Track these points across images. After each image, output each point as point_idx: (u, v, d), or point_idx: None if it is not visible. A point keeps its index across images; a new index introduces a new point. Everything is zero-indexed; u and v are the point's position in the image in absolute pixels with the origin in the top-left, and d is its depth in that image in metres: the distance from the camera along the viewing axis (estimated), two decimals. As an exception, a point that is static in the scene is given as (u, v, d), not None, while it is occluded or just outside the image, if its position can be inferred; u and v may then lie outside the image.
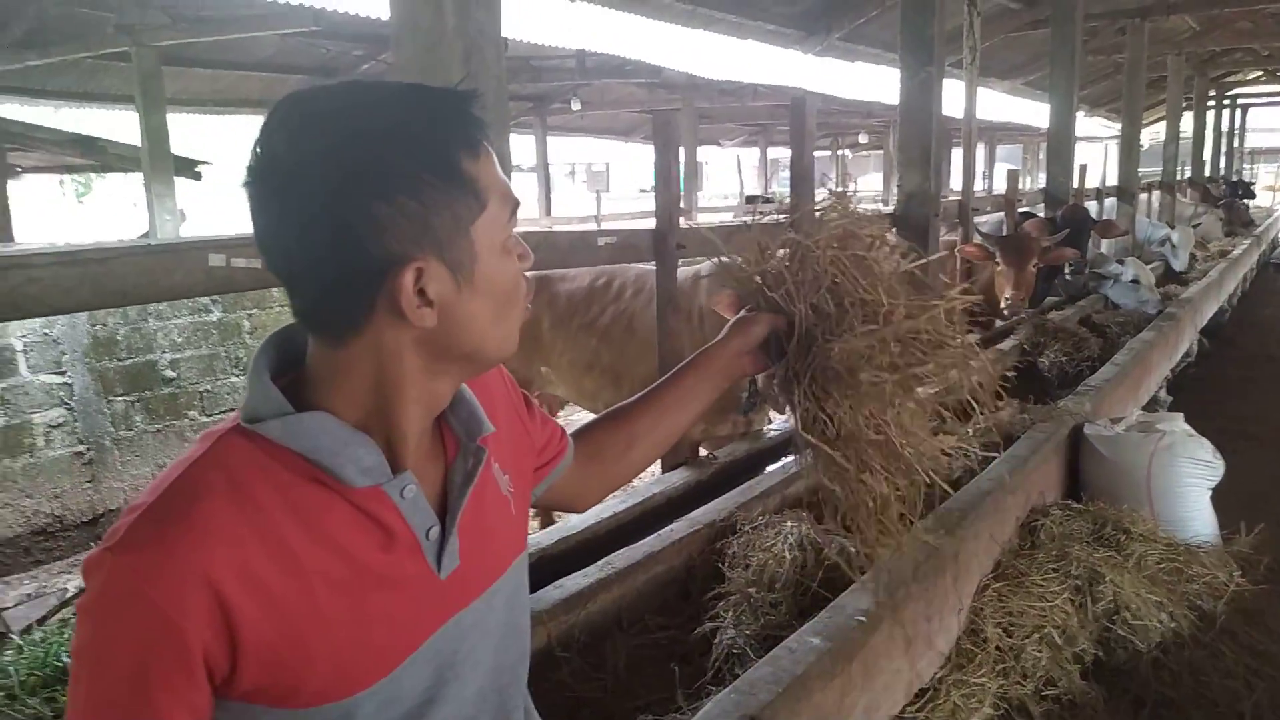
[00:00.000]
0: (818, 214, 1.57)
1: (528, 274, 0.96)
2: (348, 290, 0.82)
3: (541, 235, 2.98)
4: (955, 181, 6.00)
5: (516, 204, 0.90)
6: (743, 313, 1.38)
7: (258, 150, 0.80)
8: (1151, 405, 5.20)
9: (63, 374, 4.92)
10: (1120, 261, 6.60)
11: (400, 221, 0.79)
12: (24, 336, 4.78)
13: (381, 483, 0.86)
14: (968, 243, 5.48)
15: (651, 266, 3.83)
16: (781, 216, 1.68)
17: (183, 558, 0.75)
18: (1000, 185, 11.36)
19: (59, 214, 23.00)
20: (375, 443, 0.86)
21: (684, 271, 3.30)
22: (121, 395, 5.18)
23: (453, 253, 0.83)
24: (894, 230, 4.86)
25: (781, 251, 1.44)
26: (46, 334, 4.85)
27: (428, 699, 0.90)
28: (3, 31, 7.94)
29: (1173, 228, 8.90)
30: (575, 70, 10.44)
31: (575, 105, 12.33)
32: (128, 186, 20.85)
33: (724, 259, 1.42)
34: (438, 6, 2.14)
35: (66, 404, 4.95)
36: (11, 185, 9.11)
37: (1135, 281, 6.27)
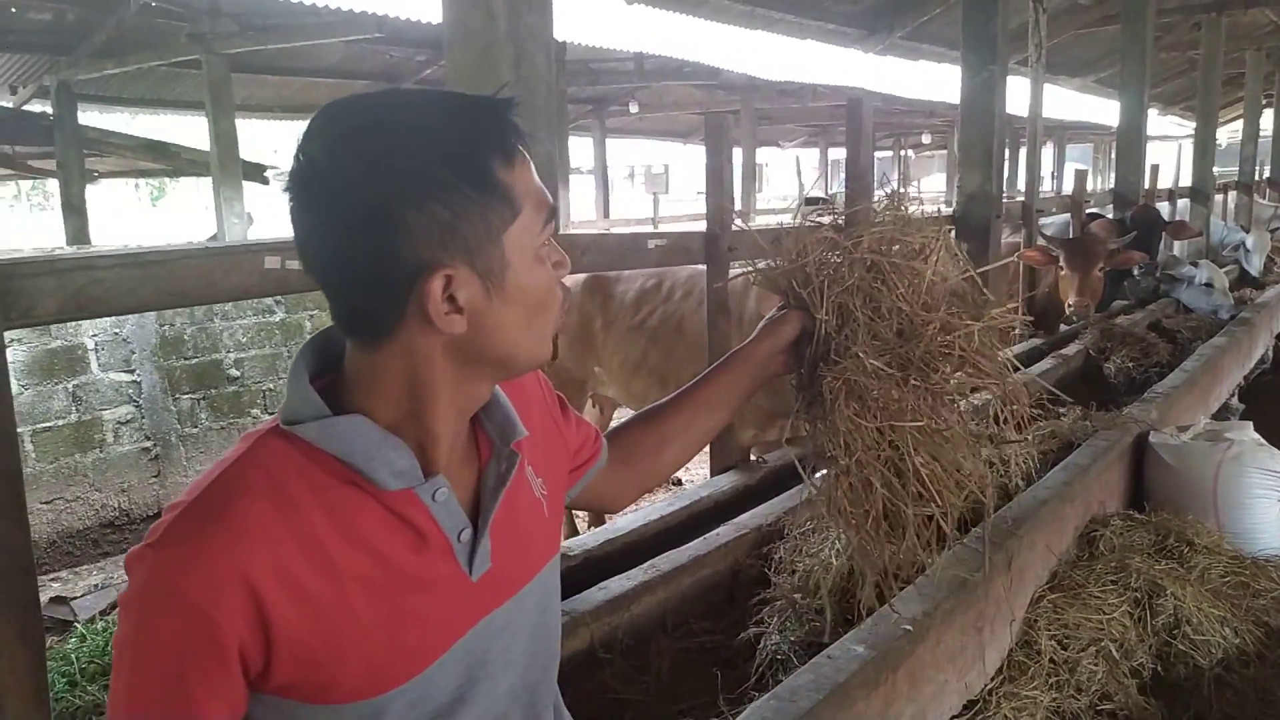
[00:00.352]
0: (873, 217, 1.52)
1: (568, 279, 0.96)
2: (379, 295, 0.83)
3: (592, 238, 2.99)
4: (1023, 182, 5.85)
5: (553, 211, 0.90)
6: (774, 312, 1.37)
7: (298, 157, 0.83)
8: (1223, 413, 5.03)
9: (132, 372, 5.09)
10: (1193, 264, 6.39)
11: (431, 229, 0.81)
12: (95, 336, 4.96)
13: (414, 486, 0.87)
14: (1031, 246, 5.34)
15: (703, 268, 3.83)
16: (828, 218, 1.63)
17: (220, 555, 0.77)
18: (1070, 185, 11.12)
19: (134, 218, 23.81)
20: (408, 446, 0.87)
21: (736, 274, 3.28)
22: (188, 393, 5.35)
23: (483, 260, 0.84)
24: (955, 235, 4.78)
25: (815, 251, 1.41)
26: (117, 333, 5.03)
27: (458, 697, 0.91)
28: (84, 42, 8.26)
29: (1248, 231, 8.52)
30: (633, 73, 10.48)
31: (633, 108, 12.36)
32: (199, 191, 21.50)
33: (758, 262, 1.38)
34: (488, 11, 2.17)
35: (135, 401, 5.12)
36: (89, 190, 9.45)
37: (1209, 285, 6.07)
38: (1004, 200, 5.21)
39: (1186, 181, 9.32)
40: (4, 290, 1.55)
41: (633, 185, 31.43)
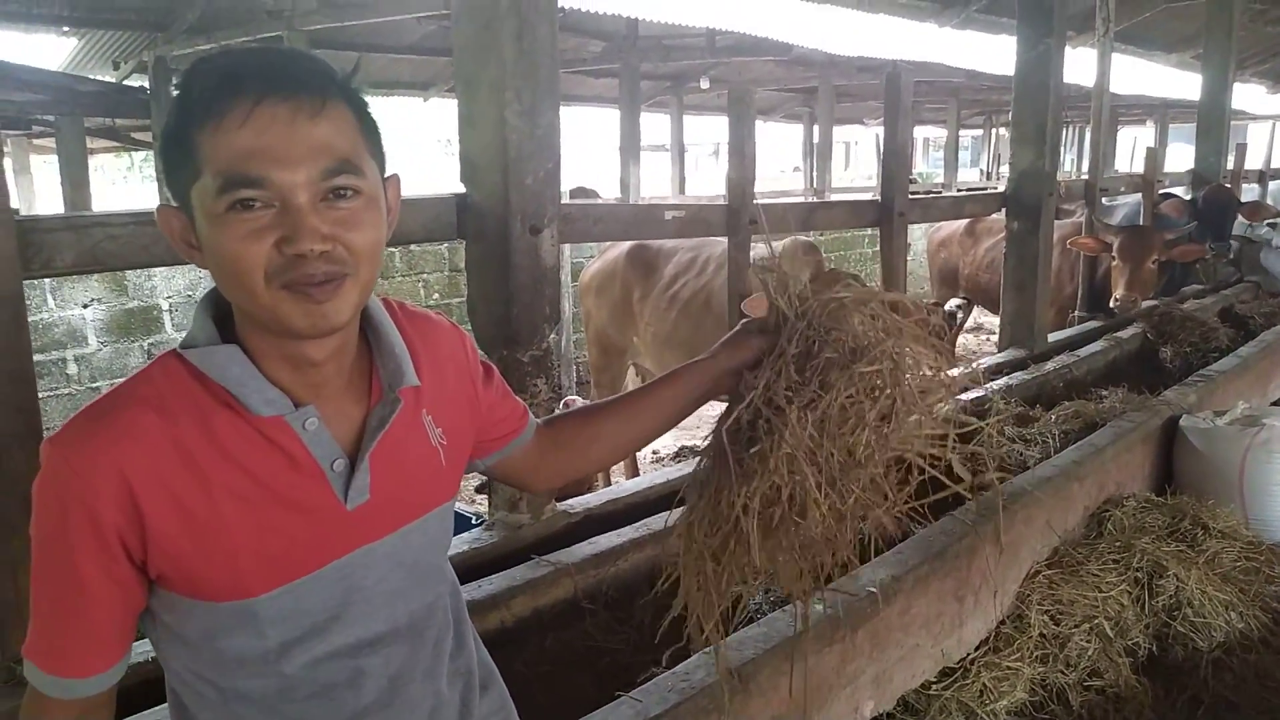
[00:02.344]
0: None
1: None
2: None
3: (607, 207, 3.07)
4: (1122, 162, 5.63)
5: (234, 180, 0.87)
6: (739, 327, 1.33)
7: None
8: (1289, 402, 4.84)
9: (201, 333, 5.38)
10: (1272, 225, 6.09)
11: (165, 170, 0.92)
12: (170, 298, 5.26)
13: (284, 414, 0.96)
14: (1081, 235, 5.19)
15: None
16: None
17: (102, 451, 0.89)
18: (1171, 166, 10.55)
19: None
20: (273, 379, 0.96)
21: (760, 249, 3.31)
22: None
23: (187, 209, 0.91)
24: (1005, 213, 4.69)
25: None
26: (189, 295, 5.33)
27: (334, 615, 1.00)
28: (176, 19, 8.66)
29: None
30: (706, 49, 10.43)
31: (704, 84, 12.31)
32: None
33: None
34: (493, -15, 2.25)
35: (205, 360, 5.41)
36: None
37: None
38: (1067, 180, 5.07)
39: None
40: (25, 243, 1.71)
41: (717, 162, 31.24)
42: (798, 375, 1.18)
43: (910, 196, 3.89)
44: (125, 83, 9.82)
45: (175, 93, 0.90)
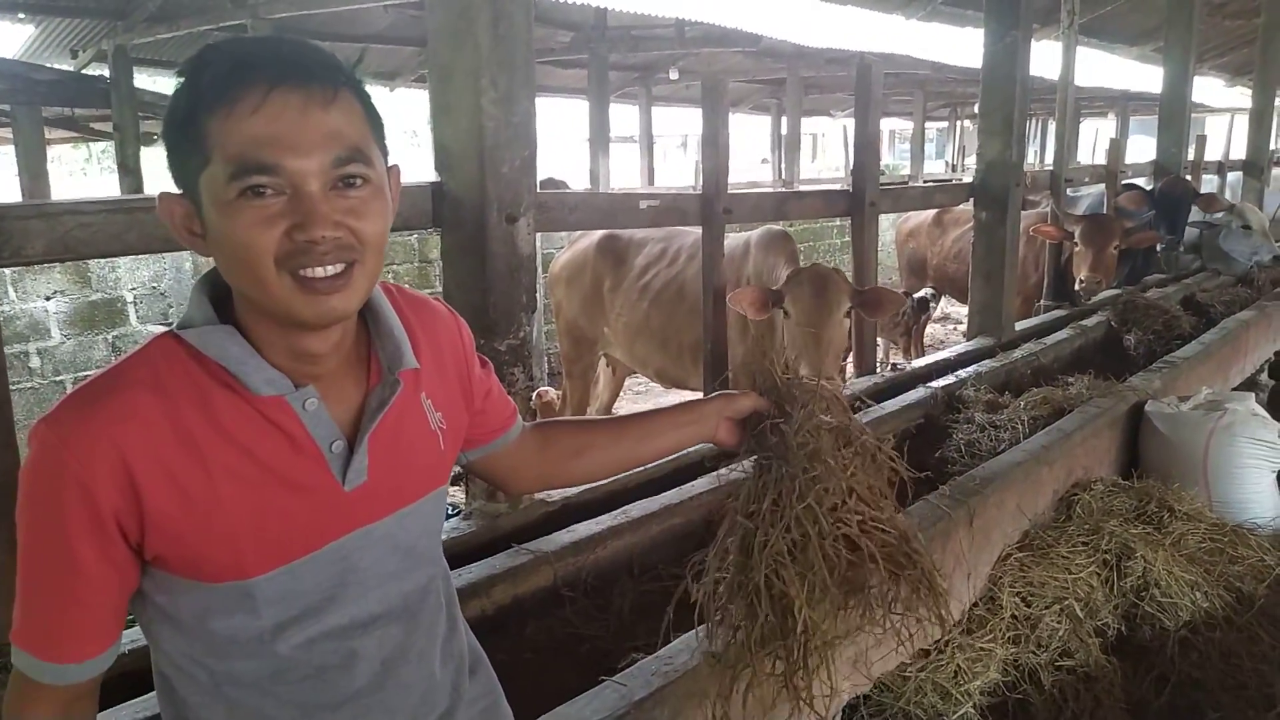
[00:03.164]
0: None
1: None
2: None
3: (581, 196, 3.06)
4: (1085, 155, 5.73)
5: (248, 167, 0.87)
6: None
7: None
8: (1249, 387, 4.95)
9: (169, 324, 5.31)
10: (1229, 209, 6.22)
11: (169, 158, 0.92)
12: (134, 289, 5.19)
13: (284, 394, 0.96)
14: (1043, 224, 5.28)
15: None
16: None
17: (99, 431, 0.88)
18: (1132, 157, 10.75)
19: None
20: (272, 360, 0.96)
21: (734, 239, 3.33)
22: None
23: (192, 196, 0.92)
24: (974, 203, 4.75)
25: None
26: (154, 287, 5.26)
27: (329, 596, 1.00)
28: (137, 7, 8.50)
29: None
30: (675, 40, 10.42)
31: (673, 74, 12.31)
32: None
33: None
34: (468, -29, 2.23)
35: (172, 352, 5.34)
36: (147, 153, 9.74)
37: (1245, 227, 5.92)
38: (1033, 170, 5.14)
39: (1238, 154, 9.02)
40: (-5, 231, 1.68)
41: (685, 154, 31.26)
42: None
43: (881, 187, 3.92)
44: (84, 72, 9.64)
45: (180, 79, 0.90)
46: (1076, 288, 5.07)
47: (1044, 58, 7.42)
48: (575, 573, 2.29)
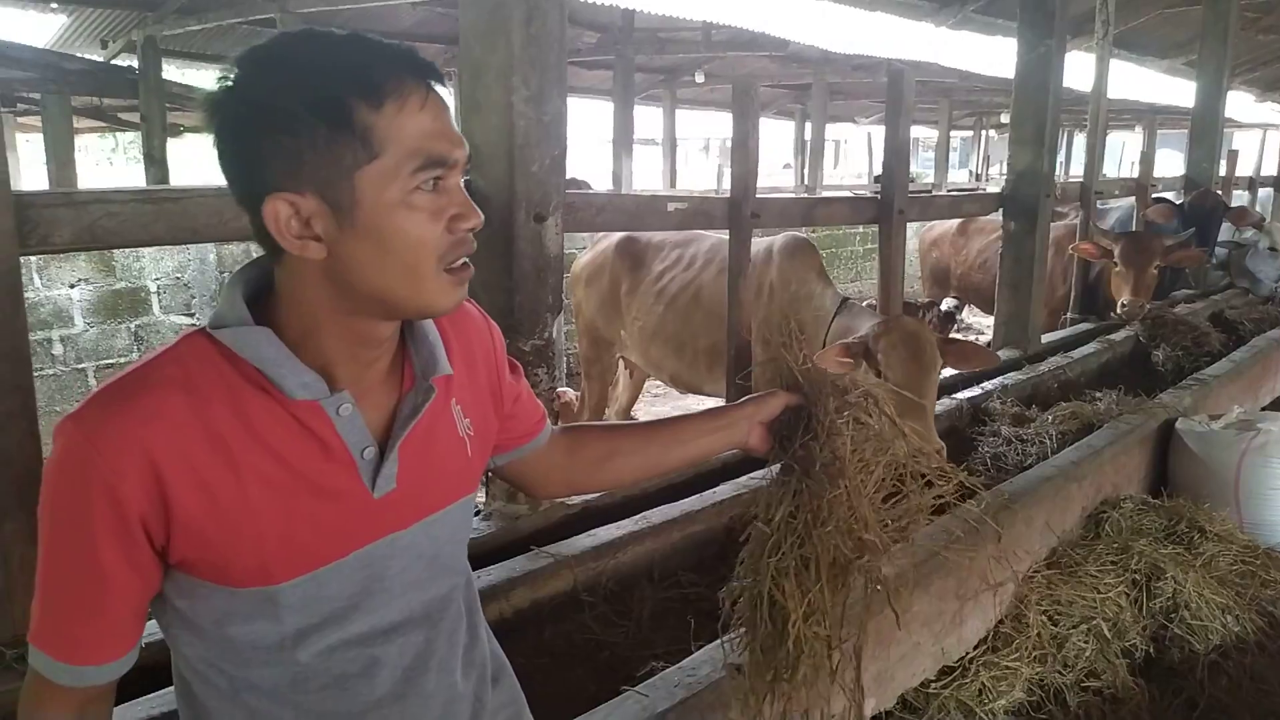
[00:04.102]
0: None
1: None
2: (251, 215, 0.91)
3: (608, 197, 3.04)
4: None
5: (433, 160, 0.89)
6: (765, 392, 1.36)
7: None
8: (1278, 407, 4.87)
9: (192, 315, 5.33)
10: (1260, 223, 6.13)
11: (277, 156, 0.87)
12: (158, 279, 5.21)
13: (319, 399, 0.93)
14: (1084, 241, 5.20)
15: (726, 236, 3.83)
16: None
17: (128, 432, 0.85)
18: (1159, 172, 10.61)
19: (217, 171, 24.46)
20: (307, 362, 0.94)
21: (756, 244, 3.29)
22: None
23: (333, 193, 0.87)
24: (1003, 213, 4.70)
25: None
26: (178, 278, 5.27)
27: (354, 604, 0.98)
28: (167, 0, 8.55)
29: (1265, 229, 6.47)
30: (701, 43, 10.39)
31: (699, 78, 12.28)
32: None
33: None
34: (502, -33, 2.21)
35: (194, 343, 5.36)
36: (173, 143, 9.79)
37: (1273, 250, 5.84)
38: (1062, 182, 5.08)
39: (1273, 170, 8.91)
40: (22, 219, 1.66)
41: (708, 157, 31.24)
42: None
43: (909, 195, 3.87)
44: (113, 62, 9.71)
45: (303, 77, 0.86)
46: (1118, 310, 4.96)
47: (1073, 69, 7.36)
48: (595, 578, 2.26)
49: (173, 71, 9.90)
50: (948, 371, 3.27)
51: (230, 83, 0.87)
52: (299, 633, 0.95)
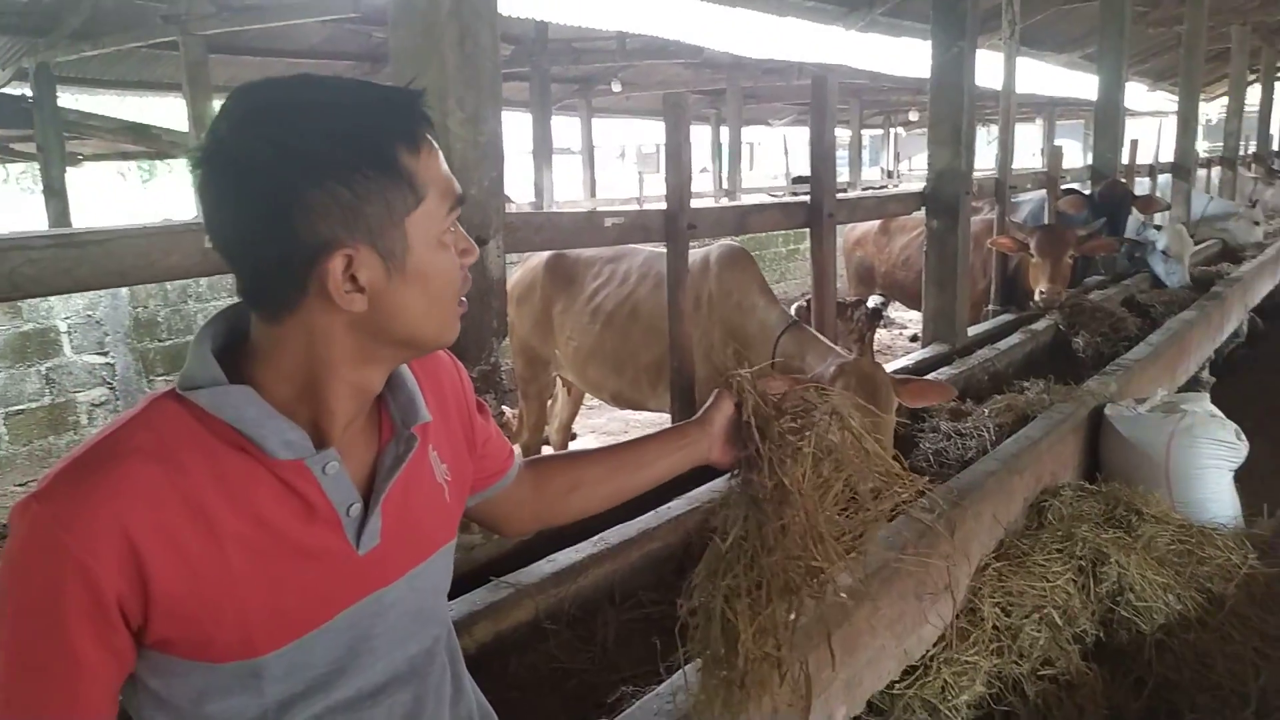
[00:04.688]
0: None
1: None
2: (281, 272, 0.86)
3: (546, 216, 3.00)
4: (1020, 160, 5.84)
5: (459, 200, 0.93)
6: (715, 398, 1.36)
7: (206, 137, 0.85)
8: (1193, 386, 5.07)
9: (105, 354, 5.11)
10: (1156, 228, 6.39)
11: (332, 208, 0.83)
12: (68, 318, 4.98)
13: (304, 458, 0.90)
14: (1002, 235, 5.35)
15: (659, 250, 3.82)
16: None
17: (100, 509, 0.80)
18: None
19: (122, 200, 23.69)
20: (297, 421, 0.90)
21: (693, 254, 3.29)
22: (162, 374, 5.37)
23: (385, 241, 0.86)
24: (925, 211, 4.80)
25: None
26: (89, 315, 5.05)
27: (339, 668, 0.94)
28: (59, 24, 8.21)
29: (1159, 227, 6.57)
30: (616, 52, 10.42)
31: (615, 87, 12.32)
32: (189, 173, 21.33)
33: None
34: (433, -10, 2.17)
35: (109, 383, 5.15)
36: (72, 172, 9.41)
37: (1164, 252, 6.09)
38: (976, 176, 5.21)
39: (1169, 157, 9.30)
40: (-64, 270, 1.57)
41: (624, 164, 31.35)
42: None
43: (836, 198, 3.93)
44: (4, 91, 9.29)
45: (345, 124, 0.85)
46: (1036, 298, 5.12)
47: (980, 66, 7.57)
48: (557, 604, 2.23)
49: (69, 99, 9.51)
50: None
51: (245, 130, 0.83)
52: (281, 704, 0.90)
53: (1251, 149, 14.11)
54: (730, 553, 1.30)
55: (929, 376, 3.97)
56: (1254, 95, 14.45)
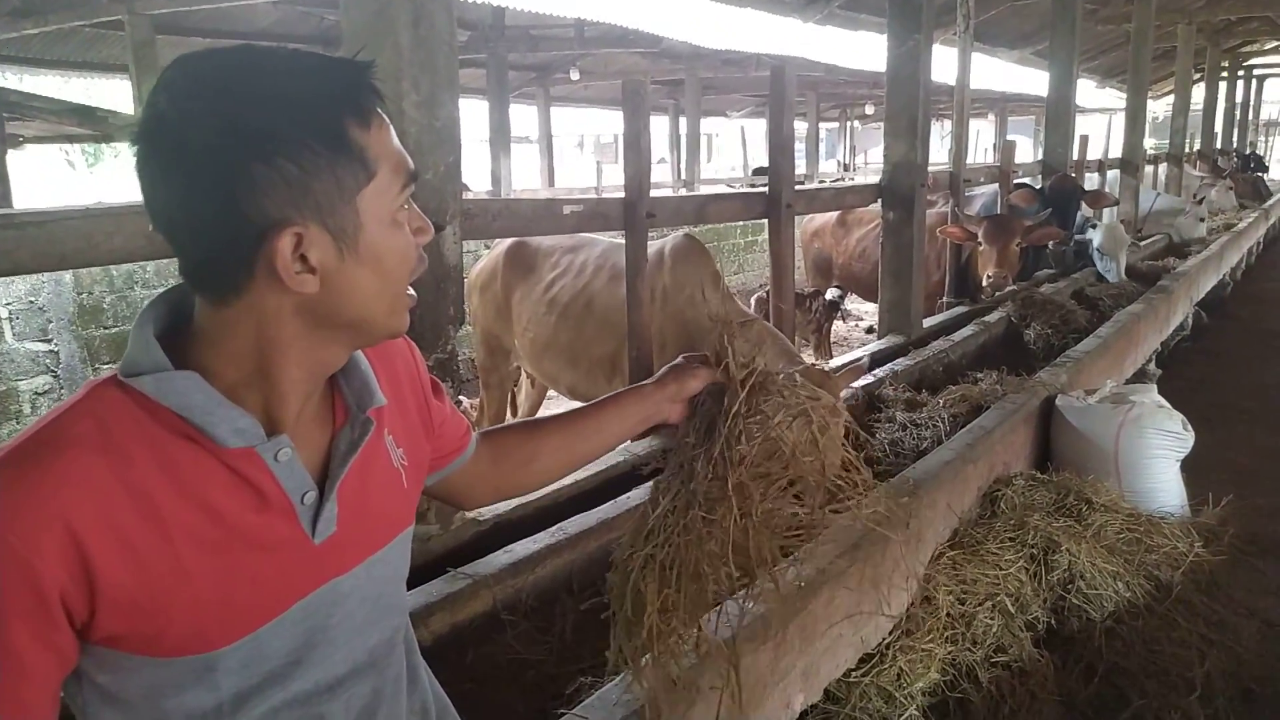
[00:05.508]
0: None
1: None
2: (227, 252, 0.82)
3: (504, 202, 2.97)
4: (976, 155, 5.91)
5: (412, 175, 0.89)
6: (681, 359, 1.34)
7: (147, 109, 0.80)
8: (1140, 378, 5.17)
9: (49, 341, 4.97)
10: (1093, 225, 6.52)
11: (279, 185, 0.79)
12: (9, 304, 4.82)
13: (255, 445, 0.86)
14: (952, 224, 5.42)
15: (616, 241, 3.81)
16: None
17: (42, 503, 0.76)
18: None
19: (65, 184, 23.06)
20: (246, 408, 0.86)
21: (649, 246, 3.27)
22: (108, 363, 5.22)
23: (335, 219, 0.82)
24: (881, 203, 4.84)
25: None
26: (32, 302, 4.90)
27: (295, 660, 0.91)
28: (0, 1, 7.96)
29: (1094, 224, 6.62)
30: (574, 40, 10.36)
31: (574, 75, 12.25)
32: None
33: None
34: (386, -31, 2.13)
35: (53, 371, 5.00)
36: (14, 155, 9.12)
37: (1098, 250, 6.21)
38: (932, 170, 5.26)
39: (1118, 153, 9.48)
40: None
41: (582, 154, 31.25)
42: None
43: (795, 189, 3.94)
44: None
45: (291, 98, 0.80)
46: (984, 283, 5.22)
47: (934, 61, 7.66)
48: (515, 595, 2.21)
49: (10, 78, 9.23)
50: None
51: (187, 104, 0.78)
52: (237, 697, 0.87)
53: (1197, 146, 14.45)
54: (655, 522, 1.29)
55: (884, 368, 4.02)
56: (1199, 94, 14.78)
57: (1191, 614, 2.64)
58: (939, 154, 6.44)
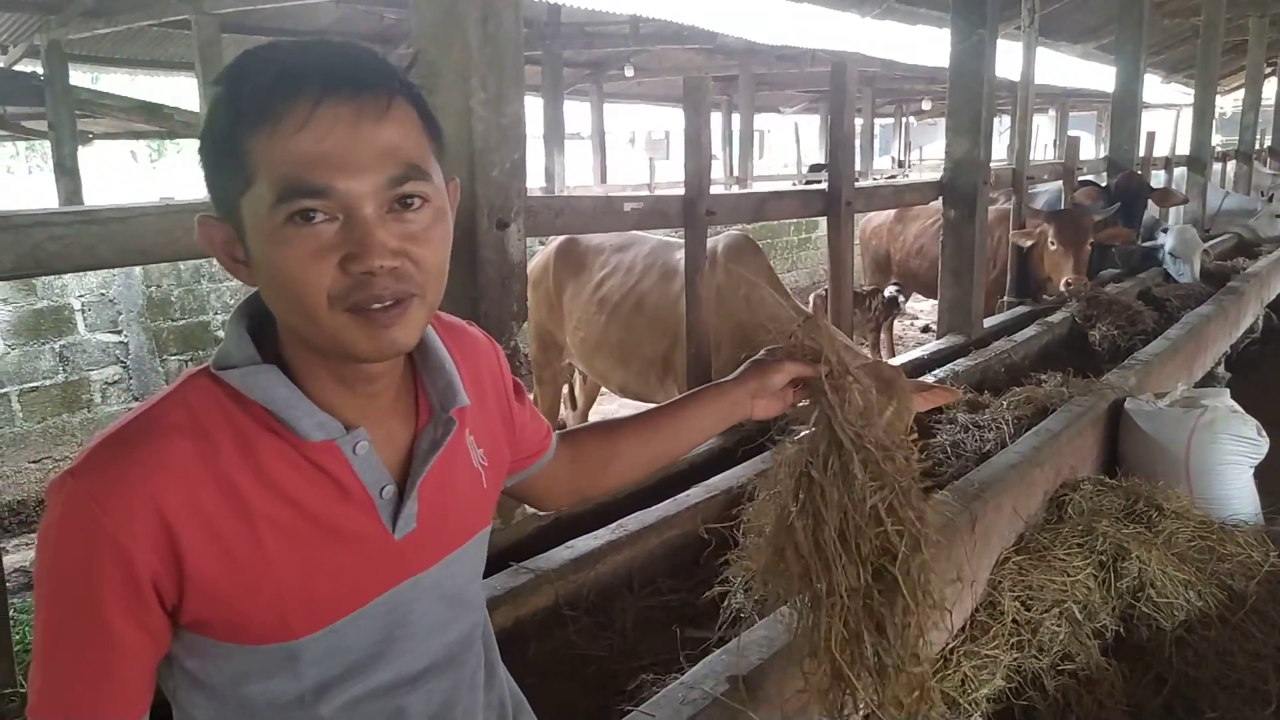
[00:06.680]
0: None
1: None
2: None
3: (565, 200, 2.98)
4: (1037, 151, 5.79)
5: (293, 192, 0.78)
6: (762, 354, 1.30)
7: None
8: (1209, 381, 5.04)
9: (119, 333, 5.11)
10: (1163, 230, 6.34)
11: (208, 179, 0.83)
12: (82, 296, 4.97)
13: (335, 438, 0.88)
14: (1018, 223, 5.31)
15: (667, 239, 3.80)
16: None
17: (136, 486, 0.78)
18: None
19: (131, 179, 23.68)
20: (315, 401, 0.88)
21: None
22: (175, 354, 5.36)
23: (235, 220, 0.82)
24: (942, 200, 4.77)
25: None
26: (103, 294, 5.04)
27: (377, 653, 0.92)
28: (72, 1, 8.18)
29: (1165, 230, 6.49)
30: (629, 36, 10.37)
31: (628, 72, 12.25)
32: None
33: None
34: (455, -33, 2.15)
35: (122, 361, 5.14)
36: (84, 152, 9.39)
37: (1171, 253, 6.04)
38: (993, 167, 5.17)
39: (1185, 150, 9.23)
40: (-41, 245, 1.55)
41: (634, 150, 31.26)
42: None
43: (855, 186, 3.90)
44: (15, 68, 9.27)
45: (218, 90, 0.80)
46: (1061, 288, 5.07)
47: (997, 56, 7.53)
48: (576, 590, 2.22)
49: (81, 77, 9.50)
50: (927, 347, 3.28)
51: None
52: (320, 686, 0.89)
53: (1267, 143, 14.01)
54: (819, 478, 1.19)
55: (945, 369, 3.96)
56: (1270, 89, 14.33)
57: (1267, 625, 2.57)
58: (999, 150, 6.30)
